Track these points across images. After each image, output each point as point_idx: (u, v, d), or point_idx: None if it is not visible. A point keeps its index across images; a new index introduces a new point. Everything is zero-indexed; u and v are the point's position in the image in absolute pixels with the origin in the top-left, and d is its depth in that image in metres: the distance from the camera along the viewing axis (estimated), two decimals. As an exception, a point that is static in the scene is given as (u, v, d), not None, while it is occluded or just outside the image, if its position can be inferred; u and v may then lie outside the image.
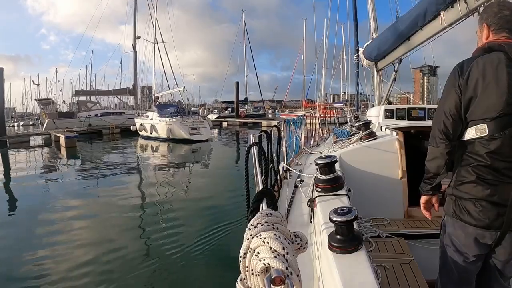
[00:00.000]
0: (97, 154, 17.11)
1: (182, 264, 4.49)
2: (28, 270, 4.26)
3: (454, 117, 1.33)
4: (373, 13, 5.52)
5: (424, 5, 2.90)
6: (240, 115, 39.69)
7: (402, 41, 3.60)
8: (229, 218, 6.09)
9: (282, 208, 2.10)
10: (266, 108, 52.79)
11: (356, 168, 2.79)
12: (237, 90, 40.95)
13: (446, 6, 2.59)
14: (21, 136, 23.31)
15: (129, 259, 4.63)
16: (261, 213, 0.90)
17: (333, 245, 1.05)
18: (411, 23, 3.21)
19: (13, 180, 10.58)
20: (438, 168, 1.42)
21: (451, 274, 1.44)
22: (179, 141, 19.25)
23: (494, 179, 1.28)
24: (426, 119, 3.87)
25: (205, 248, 4.89)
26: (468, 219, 1.33)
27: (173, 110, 21.34)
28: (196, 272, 4.31)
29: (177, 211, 6.75)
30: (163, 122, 20.42)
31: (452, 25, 2.70)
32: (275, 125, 3.33)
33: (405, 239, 2.20)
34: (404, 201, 2.79)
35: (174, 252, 4.83)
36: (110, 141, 22.15)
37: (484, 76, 1.26)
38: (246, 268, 0.77)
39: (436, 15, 2.79)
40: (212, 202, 7.31)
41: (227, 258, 4.39)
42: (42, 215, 6.56)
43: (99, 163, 13.58)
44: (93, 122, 27.07)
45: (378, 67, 4.98)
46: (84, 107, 30.57)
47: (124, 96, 33.86)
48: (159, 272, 4.25)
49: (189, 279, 4.17)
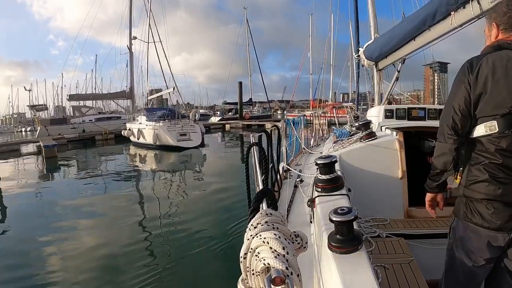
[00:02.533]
0: (79, 164, 15.39)
1: (184, 264, 4.49)
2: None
3: (463, 113, 1.32)
4: (373, 13, 5.51)
5: (434, 5, 2.84)
6: (244, 117, 37.38)
7: (407, 41, 3.56)
8: (230, 219, 6.10)
9: (282, 208, 2.10)
10: (275, 109, 51.75)
11: (356, 168, 2.79)
12: (240, 91, 39.06)
13: (458, 7, 2.53)
14: (10, 144, 21.25)
15: (132, 261, 4.64)
16: (261, 213, 0.90)
17: (333, 245, 1.05)
18: (419, 23, 3.15)
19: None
20: (446, 164, 1.41)
21: (458, 277, 1.42)
22: (167, 148, 17.27)
23: (506, 177, 1.26)
24: (426, 119, 3.87)
25: (207, 249, 4.89)
26: (480, 221, 1.31)
27: (161, 114, 19.39)
28: (198, 272, 4.31)
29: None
30: (150, 127, 18.43)
31: (462, 26, 2.64)
32: (275, 125, 3.34)
33: (405, 239, 2.20)
34: (404, 201, 2.79)
35: (175, 253, 4.85)
36: (101, 148, 20.95)
37: (494, 72, 1.25)
38: (247, 269, 0.78)
39: (446, 15, 2.73)
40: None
41: (230, 259, 4.39)
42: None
43: (73, 177, 12.14)
44: (87, 128, 25.91)
45: (379, 67, 4.97)
46: (79, 112, 29.49)
47: (120, 100, 31.43)
48: (161, 273, 4.26)
49: (190, 280, 4.18)
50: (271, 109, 47.36)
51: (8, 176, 11.87)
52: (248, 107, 44.32)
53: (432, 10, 2.88)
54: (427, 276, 1.73)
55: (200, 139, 18.00)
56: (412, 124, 3.76)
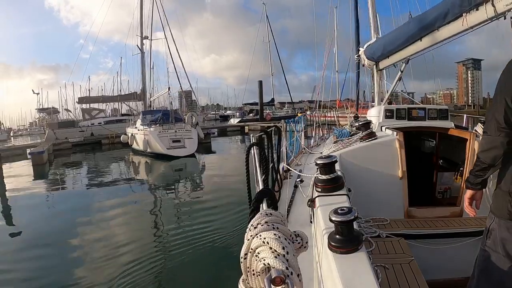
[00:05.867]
0: (65, 172, 13.84)
1: (184, 265, 4.50)
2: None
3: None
4: (373, 13, 5.52)
5: (446, 6, 2.79)
6: (265, 118, 34.14)
7: (413, 41, 3.53)
8: (231, 219, 6.11)
9: (282, 208, 2.11)
10: (304, 109, 50.73)
11: (356, 168, 2.79)
12: (260, 90, 35.62)
13: (471, 8, 2.48)
14: (15, 148, 20.33)
15: (132, 261, 4.64)
16: (261, 213, 0.90)
17: (333, 245, 1.05)
18: (428, 23, 3.11)
19: None
20: (495, 158, 1.34)
21: (493, 281, 1.35)
22: (157, 156, 15.33)
23: None
24: (426, 119, 3.87)
25: (208, 249, 4.90)
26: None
27: (157, 116, 17.61)
28: (199, 273, 4.32)
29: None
30: (141, 132, 16.72)
31: (473, 28, 2.59)
32: (275, 125, 3.34)
33: (405, 239, 2.19)
34: (404, 201, 2.79)
35: (176, 253, 4.85)
36: (106, 153, 20.07)
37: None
38: (247, 269, 0.78)
39: (457, 16, 2.67)
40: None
41: (231, 259, 4.39)
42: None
43: (48, 188, 10.80)
44: (95, 131, 25.13)
45: (379, 67, 4.97)
46: (89, 115, 28.76)
47: (132, 102, 29.59)
48: (161, 273, 4.26)
49: (191, 280, 4.18)
50: (299, 110, 45.83)
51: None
52: (271, 108, 41.85)
53: (443, 11, 2.83)
54: (427, 276, 1.73)
55: (196, 147, 16.04)
56: (412, 124, 3.77)
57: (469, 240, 2.22)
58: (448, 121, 3.89)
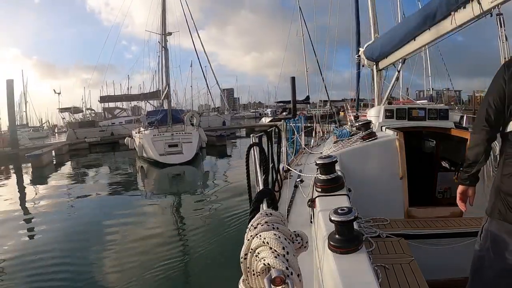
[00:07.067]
0: (64, 176, 12.98)
1: (185, 265, 4.50)
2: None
3: (497, 106, 1.37)
4: (373, 13, 5.52)
5: (434, 5, 2.85)
6: None
7: (407, 41, 3.56)
8: (231, 219, 6.11)
9: (282, 208, 2.11)
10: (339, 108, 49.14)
11: (356, 168, 2.79)
12: (293, 87, 34.58)
13: (458, 7, 2.53)
14: (32, 148, 18.91)
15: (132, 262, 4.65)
16: (261, 213, 0.90)
17: (333, 245, 1.05)
18: (419, 23, 3.15)
19: None
20: (477, 155, 1.44)
21: (485, 280, 1.38)
22: (152, 162, 13.52)
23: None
24: (426, 119, 3.87)
25: (208, 249, 4.90)
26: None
27: (159, 118, 15.97)
28: (199, 273, 4.32)
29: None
30: (138, 135, 15.14)
31: (462, 26, 2.64)
32: (275, 125, 3.34)
33: (405, 239, 2.19)
34: (404, 201, 2.79)
35: (176, 253, 4.85)
36: (120, 153, 19.22)
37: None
38: (247, 269, 0.78)
39: (446, 15, 2.73)
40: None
41: (231, 259, 4.39)
42: None
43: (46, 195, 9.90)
44: (116, 131, 24.29)
45: (379, 67, 4.97)
46: (111, 114, 28.07)
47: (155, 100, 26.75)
48: (161, 274, 4.26)
49: (191, 280, 4.19)
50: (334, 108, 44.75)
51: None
52: (306, 106, 40.96)
53: (432, 10, 2.88)
54: (427, 276, 1.73)
55: (195, 152, 13.66)
56: (412, 124, 3.76)
57: (469, 240, 2.21)
58: (448, 121, 3.89)
